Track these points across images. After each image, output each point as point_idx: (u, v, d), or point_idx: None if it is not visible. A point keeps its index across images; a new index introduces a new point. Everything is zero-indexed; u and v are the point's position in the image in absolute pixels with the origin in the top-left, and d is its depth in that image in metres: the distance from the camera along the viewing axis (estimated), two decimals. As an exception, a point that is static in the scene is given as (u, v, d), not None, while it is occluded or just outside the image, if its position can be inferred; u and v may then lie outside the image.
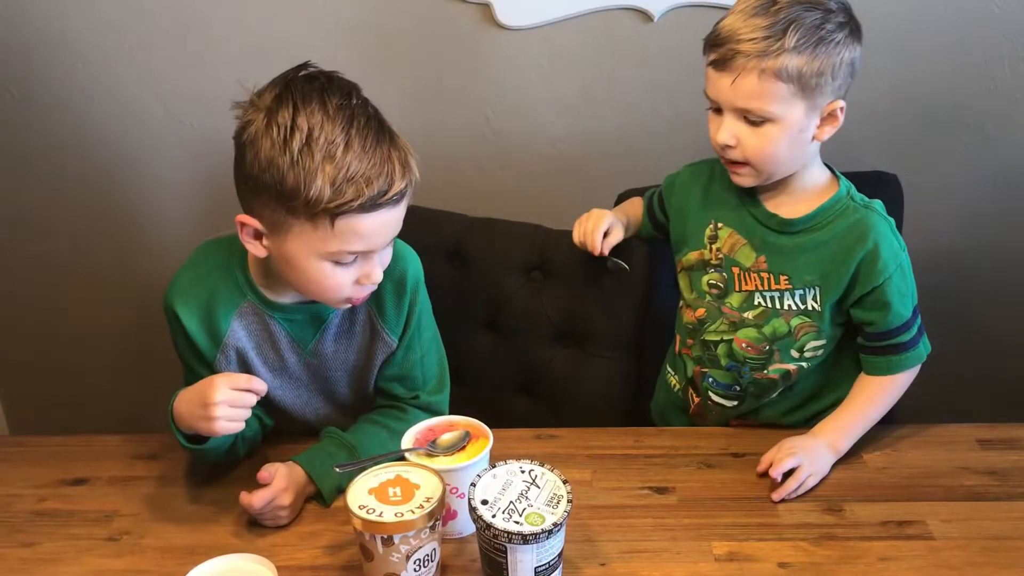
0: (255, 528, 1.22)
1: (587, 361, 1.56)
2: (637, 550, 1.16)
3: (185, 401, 1.20)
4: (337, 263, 1.18)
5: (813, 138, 1.29)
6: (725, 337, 1.39)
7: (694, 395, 1.46)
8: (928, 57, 1.68)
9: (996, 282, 1.83)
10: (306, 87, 1.14)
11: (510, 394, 1.61)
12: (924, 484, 1.25)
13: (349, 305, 1.26)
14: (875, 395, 1.34)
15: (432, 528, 1.05)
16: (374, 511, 1.04)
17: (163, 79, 1.77)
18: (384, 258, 1.23)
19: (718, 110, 1.30)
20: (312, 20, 1.65)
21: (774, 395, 1.39)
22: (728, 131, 1.28)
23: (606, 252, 1.44)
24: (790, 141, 1.27)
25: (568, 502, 1.04)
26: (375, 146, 1.13)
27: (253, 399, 1.18)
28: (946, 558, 1.12)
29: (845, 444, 1.31)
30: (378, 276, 1.21)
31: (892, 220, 1.33)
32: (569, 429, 1.39)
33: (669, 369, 1.51)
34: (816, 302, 1.32)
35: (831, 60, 1.23)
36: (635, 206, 1.55)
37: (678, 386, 1.48)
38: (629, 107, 1.75)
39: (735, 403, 1.42)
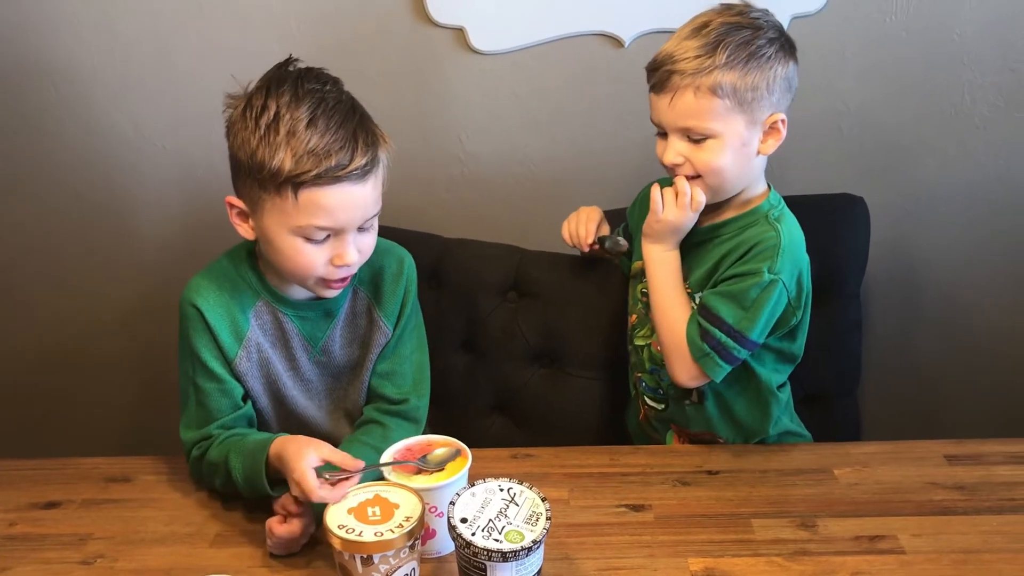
0: (231, 550, 1.21)
1: (563, 381, 1.57)
2: (615, 567, 1.16)
3: (282, 460, 1.19)
4: (308, 239, 1.23)
5: (758, 152, 1.34)
6: (647, 341, 1.44)
7: (640, 402, 1.51)
8: (892, 81, 1.71)
9: (963, 301, 1.86)
10: (283, 76, 1.24)
11: (486, 414, 1.61)
12: (895, 499, 1.27)
13: (330, 292, 1.29)
14: (672, 319, 1.37)
15: (411, 547, 1.06)
16: (353, 531, 1.04)
17: (135, 101, 1.76)
18: (361, 244, 1.26)
19: (663, 134, 1.35)
20: (284, 41, 1.65)
21: (693, 397, 1.43)
22: (673, 150, 1.33)
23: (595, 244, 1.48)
24: (735, 154, 1.31)
25: (547, 519, 1.05)
26: (339, 124, 1.20)
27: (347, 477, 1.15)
28: (917, 572, 1.14)
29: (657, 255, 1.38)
30: (351, 258, 1.24)
31: (791, 250, 1.33)
32: (545, 448, 1.40)
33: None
34: None
35: (764, 74, 1.29)
36: None
37: (632, 393, 1.54)
38: (601, 130, 1.77)
39: (662, 406, 1.47)
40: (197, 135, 1.76)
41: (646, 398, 1.49)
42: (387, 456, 1.19)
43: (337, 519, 1.05)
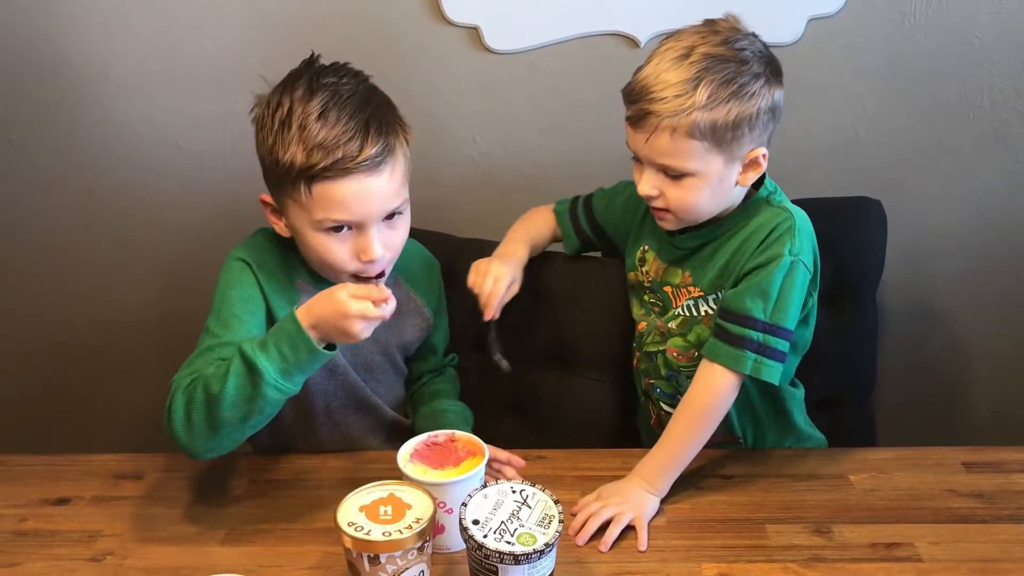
0: (240, 549, 1.20)
1: (575, 383, 1.56)
2: (627, 571, 1.15)
3: (315, 316, 1.13)
4: (331, 234, 1.23)
5: (737, 183, 1.29)
6: (660, 348, 1.42)
7: (651, 407, 1.49)
8: (909, 85, 1.70)
9: (980, 306, 1.85)
10: (301, 72, 1.25)
11: (499, 415, 1.60)
12: (912, 506, 1.26)
13: None
14: (689, 422, 1.28)
15: (420, 549, 1.05)
16: (362, 529, 1.03)
17: (150, 98, 1.76)
18: (388, 239, 1.26)
19: (639, 160, 1.30)
20: (299, 40, 1.64)
21: None
22: (648, 183, 1.29)
23: (497, 315, 1.42)
24: (711, 190, 1.28)
25: (560, 522, 1.04)
26: (351, 115, 1.20)
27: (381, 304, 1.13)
28: (935, 581, 1.13)
29: (664, 484, 1.26)
30: (375, 253, 1.24)
31: (806, 228, 1.30)
32: (558, 450, 1.39)
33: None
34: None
35: (746, 112, 1.22)
36: (540, 224, 1.54)
37: (640, 399, 1.52)
38: (615, 132, 1.74)
39: None
40: (211, 133, 1.76)
41: (662, 404, 1.46)
42: (408, 448, 1.19)
43: (348, 516, 1.05)
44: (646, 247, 1.44)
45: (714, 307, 1.34)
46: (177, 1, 1.69)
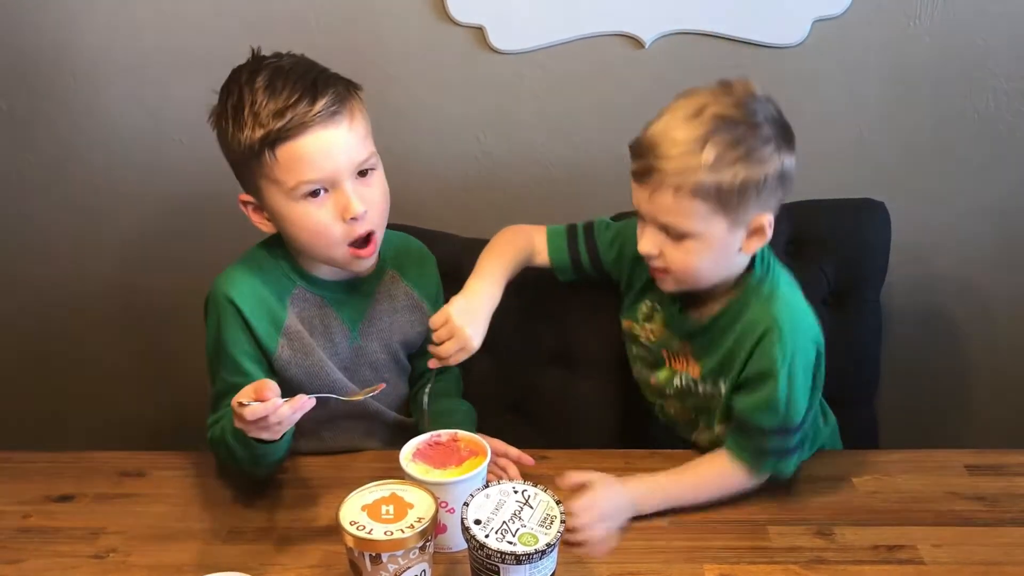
0: (244, 546, 1.21)
1: (578, 382, 1.56)
2: (629, 572, 1.15)
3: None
4: (309, 200, 1.24)
5: (741, 250, 1.25)
6: (656, 400, 1.43)
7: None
8: (914, 87, 1.70)
9: (984, 308, 1.85)
10: (243, 64, 1.28)
11: (501, 414, 1.60)
12: (914, 509, 1.26)
13: (362, 261, 1.30)
14: (703, 486, 1.27)
15: (422, 548, 1.05)
16: (364, 528, 1.03)
17: (153, 95, 1.76)
18: (366, 195, 1.27)
19: (642, 216, 1.27)
20: (303, 40, 1.64)
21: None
22: (650, 241, 1.25)
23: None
24: (714, 255, 1.24)
25: (561, 522, 1.04)
26: (297, 79, 1.23)
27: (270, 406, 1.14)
28: (937, 583, 1.13)
29: (649, 507, 1.24)
30: (356, 208, 1.25)
31: (798, 324, 1.26)
32: (560, 451, 1.39)
33: None
34: (724, 385, 1.32)
35: (753, 177, 1.18)
36: (519, 246, 1.45)
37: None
38: (619, 132, 1.74)
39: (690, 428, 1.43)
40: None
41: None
42: (411, 447, 1.20)
43: (350, 515, 1.05)
44: (656, 305, 1.40)
45: (712, 388, 1.34)
46: (183, 0, 1.69)
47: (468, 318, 1.29)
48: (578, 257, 1.46)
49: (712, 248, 1.23)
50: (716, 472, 1.29)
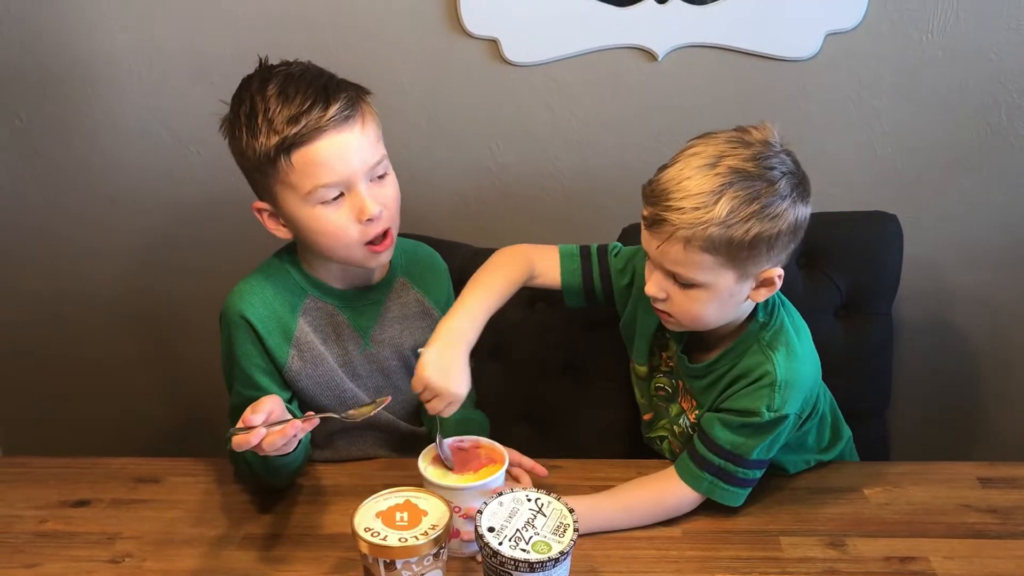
0: (258, 553, 1.21)
1: (590, 392, 1.56)
2: (641, 581, 1.16)
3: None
4: (325, 206, 1.25)
5: (748, 298, 1.24)
6: (665, 432, 1.43)
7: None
8: (927, 101, 1.70)
9: (996, 322, 1.84)
10: (253, 73, 1.30)
11: (513, 423, 1.61)
12: (926, 521, 1.26)
13: (379, 257, 1.31)
14: (637, 508, 1.27)
15: (436, 555, 1.05)
16: (379, 534, 1.04)
17: (169, 105, 1.78)
18: (380, 196, 1.28)
19: (651, 260, 1.25)
20: (318, 50, 1.66)
21: None
22: (656, 286, 1.24)
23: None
24: (720, 304, 1.23)
25: (575, 531, 1.05)
26: (308, 85, 1.25)
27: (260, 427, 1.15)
28: (949, 595, 1.13)
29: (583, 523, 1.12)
30: (372, 209, 1.26)
31: (796, 377, 1.25)
32: (572, 460, 1.40)
33: None
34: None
35: (766, 233, 1.16)
36: (511, 276, 1.39)
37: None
38: (632, 144, 1.77)
39: None
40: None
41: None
42: (432, 450, 1.21)
43: (365, 522, 1.06)
44: (668, 335, 1.39)
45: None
46: (197, 8, 1.70)
47: (444, 374, 1.22)
48: (591, 280, 1.43)
49: (719, 298, 1.21)
50: (656, 494, 1.28)
